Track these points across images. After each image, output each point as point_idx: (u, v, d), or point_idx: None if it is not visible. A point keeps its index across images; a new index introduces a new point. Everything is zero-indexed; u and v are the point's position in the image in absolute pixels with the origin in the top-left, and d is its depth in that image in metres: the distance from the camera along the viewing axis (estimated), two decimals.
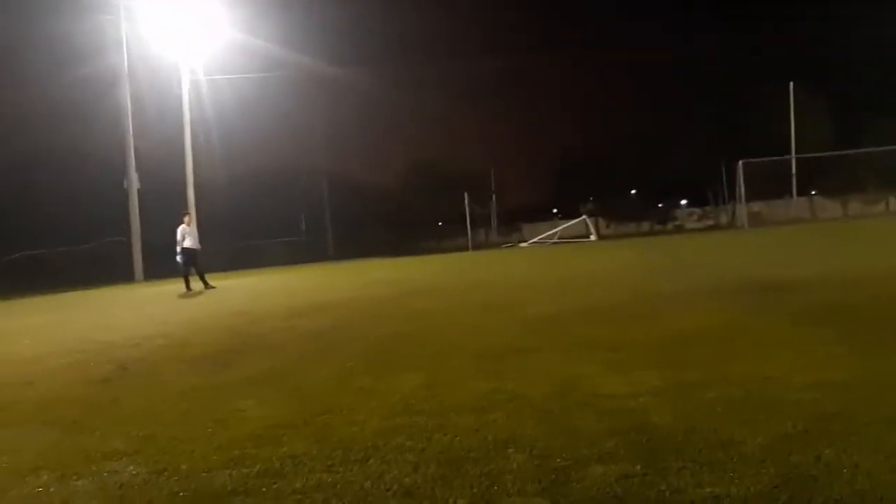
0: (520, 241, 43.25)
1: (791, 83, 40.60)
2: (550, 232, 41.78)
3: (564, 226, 42.54)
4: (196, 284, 16.08)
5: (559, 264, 17.77)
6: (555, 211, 59.14)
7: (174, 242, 16.06)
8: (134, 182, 28.23)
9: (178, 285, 16.58)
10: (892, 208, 47.02)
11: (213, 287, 16.12)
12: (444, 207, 48.34)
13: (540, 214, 56.49)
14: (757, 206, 43.82)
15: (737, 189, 41.11)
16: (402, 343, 6.25)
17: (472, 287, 12.40)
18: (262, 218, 42.23)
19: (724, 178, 46.15)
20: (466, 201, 41.90)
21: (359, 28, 59.41)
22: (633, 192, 56.34)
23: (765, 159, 39.06)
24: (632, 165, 52.09)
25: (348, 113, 61.03)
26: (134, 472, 3.09)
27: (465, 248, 40.09)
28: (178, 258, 15.95)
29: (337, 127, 59.09)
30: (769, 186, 41.18)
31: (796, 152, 40.64)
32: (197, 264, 16.28)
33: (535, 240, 40.97)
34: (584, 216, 44.94)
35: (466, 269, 19.35)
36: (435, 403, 3.87)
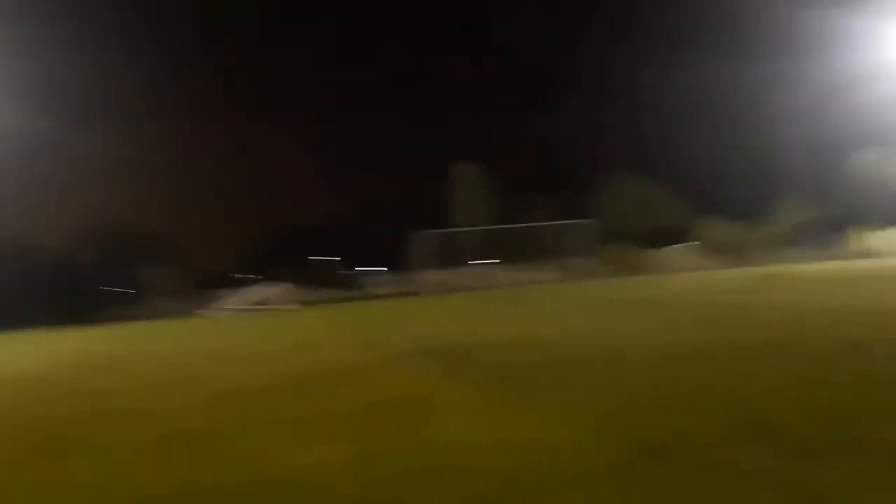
0: (211, 309, 41.12)
1: (455, 166, 46.84)
2: (246, 298, 40.66)
3: (259, 292, 41.68)
4: None
5: (254, 333, 17.16)
6: (250, 277, 57.82)
7: None
8: None
9: None
10: (549, 276, 54.82)
11: None
12: (121, 273, 44.20)
13: (234, 280, 54.58)
14: (435, 275, 47.65)
15: (417, 258, 44.94)
16: (59, 433, 5.36)
17: (152, 361, 11.28)
18: None
19: (407, 248, 49.75)
20: (144, 266, 38.97)
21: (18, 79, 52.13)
22: (325, 259, 57.48)
23: (440, 231, 44.08)
24: (324, 234, 53.52)
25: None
26: None
27: (147, 317, 36.91)
28: None
29: None
30: (446, 256, 45.93)
31: (472, 225, 46.32)
32: None
33: (228, 307, 39.43)
34: (278, 283, 44.59)
35: (146, 340, 17.70)
36: None
